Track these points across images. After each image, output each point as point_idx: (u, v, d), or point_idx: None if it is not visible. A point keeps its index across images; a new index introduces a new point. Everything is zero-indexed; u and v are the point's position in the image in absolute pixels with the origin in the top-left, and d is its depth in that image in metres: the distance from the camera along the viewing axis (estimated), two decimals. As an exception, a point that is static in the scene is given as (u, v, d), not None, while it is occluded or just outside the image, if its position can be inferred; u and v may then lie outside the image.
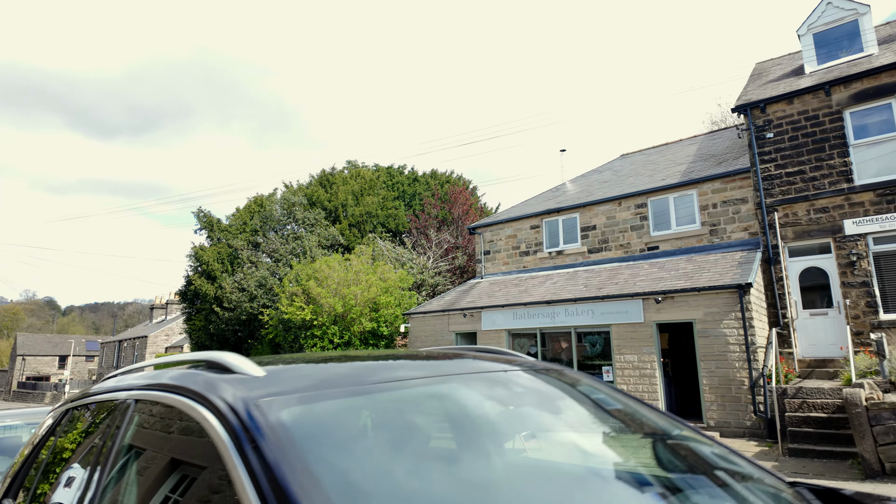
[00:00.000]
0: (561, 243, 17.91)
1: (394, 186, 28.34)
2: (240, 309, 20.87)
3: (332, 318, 18.49)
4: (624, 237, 16.57)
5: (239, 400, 1.36)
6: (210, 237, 24.02)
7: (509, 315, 15.88)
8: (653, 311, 13.38)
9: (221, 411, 1.34)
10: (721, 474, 1.71)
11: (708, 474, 1.74)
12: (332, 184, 25.84)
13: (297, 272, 19.74)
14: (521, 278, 17.93)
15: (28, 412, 6.05)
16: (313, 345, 18.33)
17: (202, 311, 23.55)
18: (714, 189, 15.19)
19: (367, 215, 24.64)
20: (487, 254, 19.63)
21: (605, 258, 16.73)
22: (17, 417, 5.86)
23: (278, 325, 19.20)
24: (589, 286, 15.20)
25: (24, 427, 5.73)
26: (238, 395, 1.38)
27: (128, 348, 51.23)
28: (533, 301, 15.38)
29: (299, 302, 18.49)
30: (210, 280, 22.48)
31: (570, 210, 17.82)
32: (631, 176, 18.78)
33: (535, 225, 18.58)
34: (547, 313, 15.14)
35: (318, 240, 22.07)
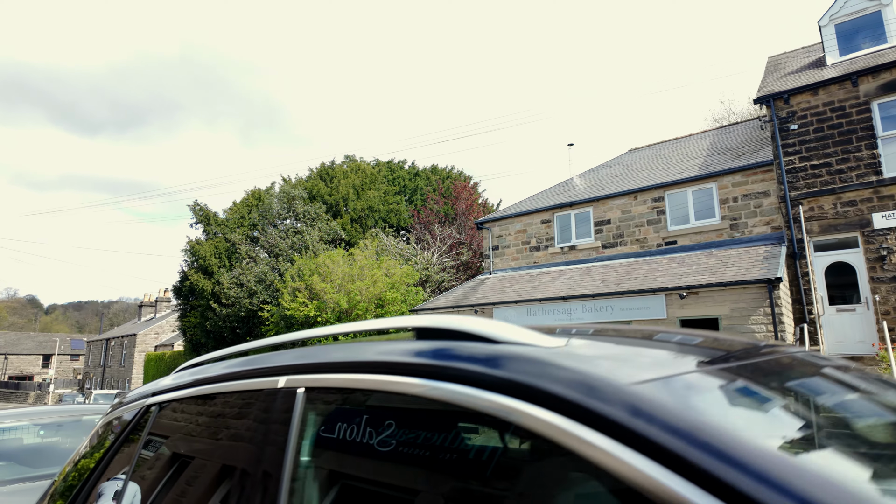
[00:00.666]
0: (573, 238, 17.45)
1: (394, 181, 27.75)
2: (238, 305, 20.18)
3: (336, 315, 17.88)
4: (640, 232, 16.14)
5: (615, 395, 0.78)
6: (206, 231, 23.28)
7: (522, 311, 15.38)
8: (676, 306, 12.95)
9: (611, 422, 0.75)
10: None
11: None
12: (332, 178, 25.19)
13: (299, 267, 19.09)
14: (533, 274, 17.45)
15: (34, 412, 5.42)
16: (317, 342, 17.68)
17: (198, 307, 22.82)
18: (735, 182, 14.80)
19: (369, 210, 24.03)
20: (496, 249, 19.12)
21: (621, 253, 16.29)
22: (22, 417, 5.24)
23: (280, 322, 18.55)
24: (606, 281, 14.75)
25: (30, 428, 5.11)
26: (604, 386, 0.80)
27: (115, 347, 50.11)
28: (548, 297, 14.90)
29: (302, 298, 17.86)
30: (207, 275, 21.76)
31: (583, 204, 17.36)
32: (643, 170, 18.37)
33: (545, 219, 18.11)
34: (563, 309, 14.66)
35: (319, 234, 21.42)
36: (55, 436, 5.15)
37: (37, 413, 5.35)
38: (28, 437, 4.99)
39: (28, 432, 5.02)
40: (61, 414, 5.41)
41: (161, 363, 33.44)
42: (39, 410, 5.47)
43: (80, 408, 5.69)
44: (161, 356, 34.13)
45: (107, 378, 50.86)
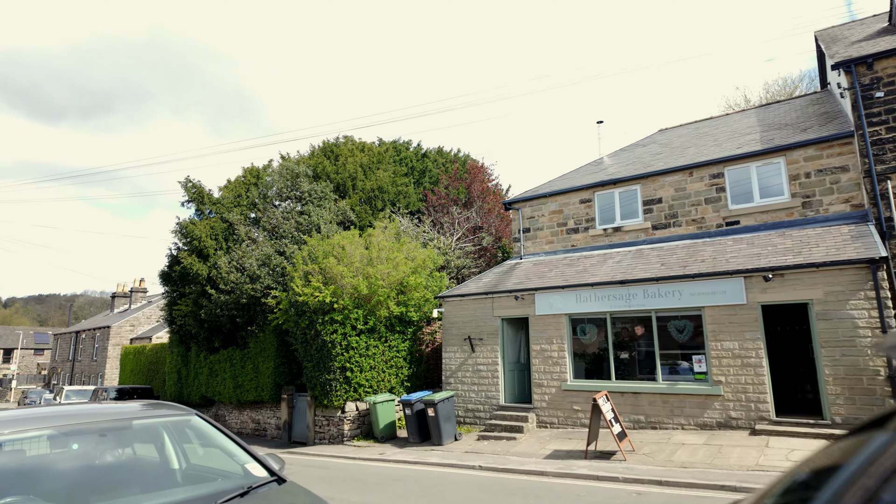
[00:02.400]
0: (618, 219, 15.96)
1: (401, 162, 25.94)
2: (239, 291, 18.17)
3: (354, 301, 16.06)
4: (697, 211, 14.73)
5: None
6: (199, 211, 21.13)
7: (571, 298, 13.83)
8: (757, 290, 11.55)
9: None
10: None
11: None
12: (336, 156, 23.25)
13: (311, 248, 17.19)
14: (573, 258, 15.91)
15: (51, 414, 3.56)
16: (333, 331, 15.88)
17: (190, 294, 20.68)
18: (807, 156, 13.48)
19: (379, 190, 22.18)
20: (527, 231, 17.53)
21: (675, 235, 14.87)
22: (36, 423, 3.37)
23: (289, 309, 16.64)
24: (667, 264, 13.29)
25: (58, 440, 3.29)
26: None
27: (86, 340, 47.08)
28: (602, 281, 13.37)
29: (316, 282, 15.99)
30: (202, 258, 19.65)
31: (630, 181, 15.88)
32: (690, 147, 16.98)
33: (585, 199, 16.58)
34: (620, 295, 13.16)
35: (329, 215, 19.51)
36: (100, 453, 3.35)
37: (56, 416, 3.53)
38: (58, 457, 3.19)
39: (53, 447, 3.21)
40: (93, 417, 3.60)
41: (141, 357, 31.00)
42: (58, 412, 3.64)
43: (116, 409, 3.87)
44: (141, 349, 31.67)
45: (76, 373, 47.80)
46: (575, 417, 13.34)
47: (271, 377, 18.32)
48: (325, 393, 16.08)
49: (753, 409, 11.23)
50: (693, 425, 11.81)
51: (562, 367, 13.74)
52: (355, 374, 15.90)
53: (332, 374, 15.89)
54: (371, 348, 16.19)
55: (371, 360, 16.17)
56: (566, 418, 13.47)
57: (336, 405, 15.98)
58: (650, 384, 12.53)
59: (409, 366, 16.84)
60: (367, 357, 16.11)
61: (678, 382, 12.23)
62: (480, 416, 14.86)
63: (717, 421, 11.57)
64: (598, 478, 9.28)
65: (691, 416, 11.89)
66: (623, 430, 11.00)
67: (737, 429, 11.28)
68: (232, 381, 19.99)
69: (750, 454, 9.79)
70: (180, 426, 3.75)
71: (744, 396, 11.37)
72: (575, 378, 13.66)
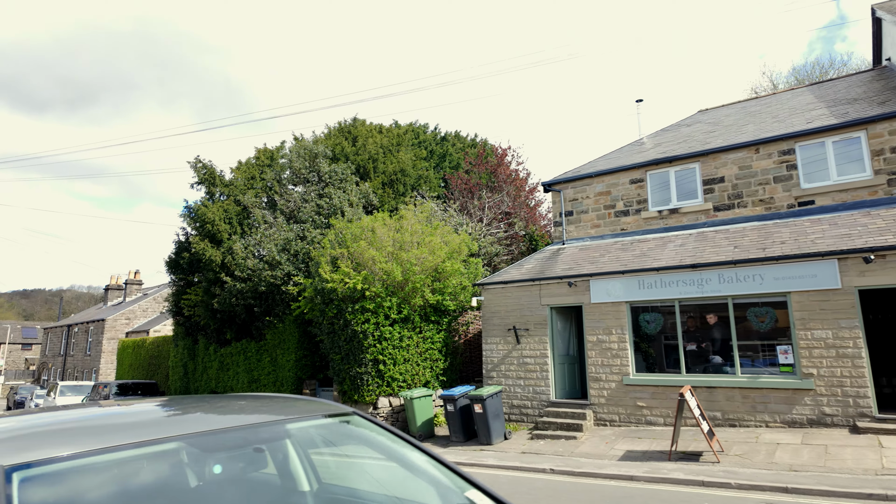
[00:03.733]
0: (674, 200, 14.78)
1: (420, 145, 24.63)
2: (257, 279, 16.81)
3: (388, 289, 14.78)
4: (764, 191, 13.58)
5: None
6: (210, 193, 19.70)
7: (632, 284, 12.64)
8: (853, 273, 10.41)
9: None
10: None
11: None
12: (354, 137, 21.89)
13: (339, 231, 15.87)
14: (625, 242, 14.72)
15: (168, 418, 2.30)
16: (364, 321, 14.58)
17: (200, 283, 19.29)
18: (892, 129, 12.35)
19: (401, 173, 20.86)
20: (569, 215, 16.31)
21: (740, 216, 13.71)
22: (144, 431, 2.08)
23: (315, 298, 15.32)
24: (741, 247, 12.13)
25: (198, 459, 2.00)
26: None
27: (79, 334, 45.33)
28: (669, 265, 12.19)
29: (346, 267, 14.68)
30: (215, 244, 18.25)
31: (687, 159, 14.70)
32: (746, 124, 15.84)
33: (636, 179, 15.38)
34: (691, 280, 11.98)
35: (352, 198, 18.18)
36: (244, 475, 2.09)
37: (163, 422, 2.23)
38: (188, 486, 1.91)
39: (175, 468, 1.93)
40: (222, 420, 2.30)
41: (141, 350, 29.48)
42: (158, 415, 2.36)
43: (240, 407, 2.57)
44: (141, 342, 30.14)
45: (68, 368, 46.05)
46: (639, 415, 12.16)
47: (292, 371, 17.00)
48: (356, 387, 14.80)
49: (852, 405, 10.10)
50: (779, 422, 10.67)
51: (622, 360, 12.55)
52: (388, 367, 14.63)
53: (364, 368, 14.61)
54: (405, 339, 14.92)
55: (405, 352, 14.90)
56: (628, 416, 12.29)
57: (368, 400, 14.70)
58: (727, 377, 11.37)
59: (444, 359, 15.59)
60: (400, 349, 14.84)
61: (760, 375, 11.08)
62: (528, 414, 13.66)
63: (807, 418, 10.44)
64: (703, 483, 8.10)
65: (776, 412, 10.74)
66: (711, 429, 9.83)
67: (832, 426, 10.15)
68: (246, 375, 18.64)
69: (866, 455, 8.65)
70: (342, 431, 2.50)
71: (839, 391, 10.24)
72: (638, 372, 12.48)
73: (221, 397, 2.83)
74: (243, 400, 2.70)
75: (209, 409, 2.42)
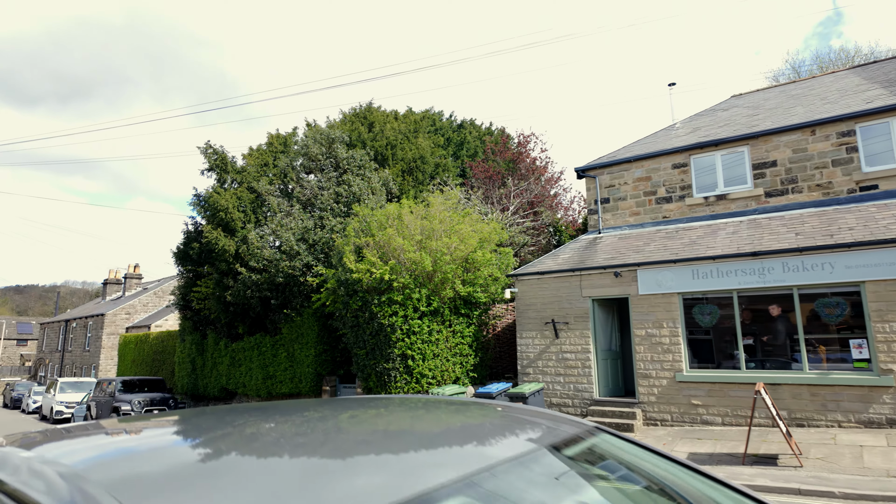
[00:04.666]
0: (720, 185, 13.93)
1: (436, 133, 23.70)
2: (274, 269, 15.90)
3: (416, 280, 13.89)
4: (822, 175, 12.75)
5: None
6: (221, 180, 18.74)
7: (685, 274, 11.79)
8: (937, 261, 9.59)
9: None
10: None
11: None
12: (370, 123, 20.95)
13: (363, 219, 14.97)
14: (670, 230, 13.88)
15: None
16: (392, 313, 13.70)
17: (212, 274, 18.36)
18: (965, 108, 11.54)
19: (421, 160, 19.94)
20: (606, 202, 15.45)
21: (794, 202, 12.87)
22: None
23: (338, 289, 14.42)
24: (805, 234, 11.30)
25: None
26: None
27: (77, 329, 44.26)
28: (727, 254, 11.35)
29: (372, 256, 13.79)
30: (228, 233, 17.31)
31: (735, 142, 13.85)
32: (794, 106, 14.99)
33: (679, 163, 14.52)
34: (751, 269, 11.14)
35: (374, 185, 17.27)
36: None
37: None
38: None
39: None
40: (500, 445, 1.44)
41: (144, 346, 28.50)
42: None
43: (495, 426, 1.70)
44: (144, 338, 29.16)
45: (66, 364, 45.00)
46: (693, 414, 11.33)
47: (311, 366, 16.11)
48: (383, 384, 13.93)
49: (937, 404, 9.30)
50: (854, 422, 9.86)
51: (675, 356, 11.72)
52: (417, 362, 13.76)
53: (391, 363, 13.74)
54: (434, 333, 14.05)
55: (434, 346, 14.04)
56: (682, 415, 11.47)
57: (395, 399, 13.82)
58: (793, 374, 10.56)
59: (474, 354, 14.73)
60: (430, 343, 13.98)
61: (831, 372, 10.26)
62: (569, 413, 12.80)
63: (887, 417, 9.63)
64: (799, 492, 7.27)
65: (851, 411, 9.93)
66: (787, 429, 9.01)
67: (916, 427, 9.35)
68: (261, 371, 17.73)
69: (971, 460, 7.84)
70: (596, 453, 1.62)
71: (923, 388, 9.44)
72: (691, 368, 11.65)
73: (393, 404, 1.94)
74: (434, 409, 1.82)
75: (413, 428, 1.53)
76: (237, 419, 1.84)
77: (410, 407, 1.99)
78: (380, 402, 2.09)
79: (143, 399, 18.51)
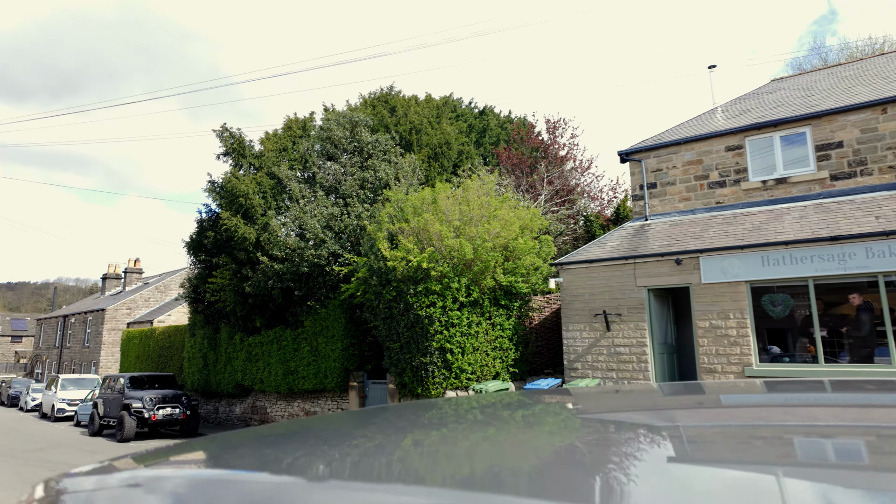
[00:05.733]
0: (780, 168, 13.09)
1: (458, 119, 22.80)
2: (299, 258, 14.97)
3: (456, 268, 13.00)
4: (893, 156, 11.93)
5: None
6: (238, 164, 17.77)
7: (754, 261, 10.95)
8: None
9: None
10: None
11: None
12: (392, 107, 20.02)
13: (396, 203, 14.05)
14: (726, 216, 13.03)
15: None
16: (430, 304, 12.81)
17: (227, 264, 17.40)
18: None
19: (447, 146, 19.04)
20: (652, 187, 14.60)
21: (864, 185, 12.04)
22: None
23: (370, 278, 13.51)
24: (886, 217, 10.47)
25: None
26: None
27: (76, 325, 43.15)
28: (801, 239, 10.52)
29: (409, 243, 12.88)
30: (248, 220, 16.36)
31: (796, 123, 13.01)
32: (853, 86, 14.16)
33: (733, 145, 13.67)
34: (829, 255, 10.30)
35: (406, 169, 16.36)
36: None
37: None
38: None
39: None
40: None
41: (150, 341, 27.48)
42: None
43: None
44: (149, 333, 28.13)
45: (64, 361, 43.88)
46: (765, 411, 10.49)
47: (338, 361, 15.20)
48: (419, 379, 13.04)
49: None
50: (952, 421, 9.03)
51: (743, 349, 10.88)
52: (456, 356, 12.88)
53: (429, 357, 12.85)
54: (474, 326, 13.17)
55: (474, 340, 13.16)
56: (752, 412, 10.62)
57: (434, 394, 12.93)
58: (878, 367, 9.73)
59: (514, 348, 13.86)
60: (469, 336, 13.09)
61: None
62: (623, 409, 11.95)
63: None
64: None
65: (948, 409, 9.10)
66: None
67: None
68: (281, 366, 16.79)
69: None
70: None
71: None
72: (762, 362, 10.81)
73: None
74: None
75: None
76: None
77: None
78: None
79: (154, 396, 17.54)
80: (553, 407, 1.63)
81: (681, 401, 1.71)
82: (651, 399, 1.74)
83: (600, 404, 1.69)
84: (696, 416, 1.45)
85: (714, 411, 1.53)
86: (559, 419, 1.45)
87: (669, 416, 1.42)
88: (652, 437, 1.14)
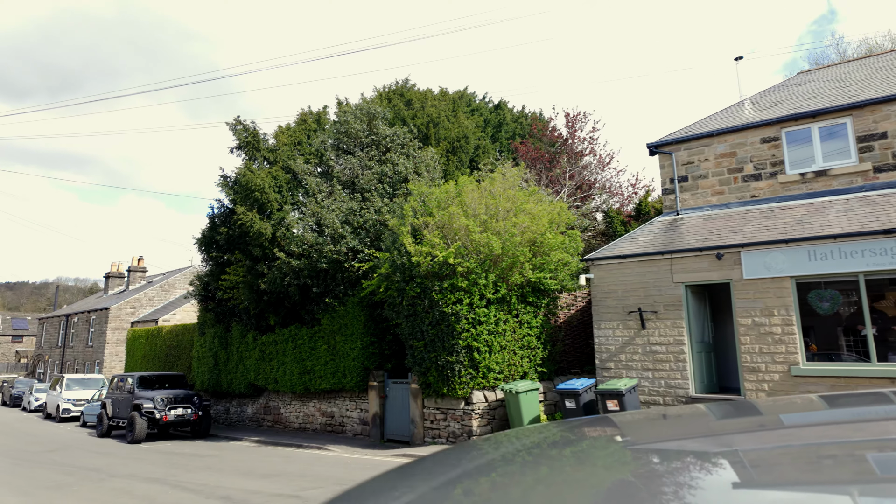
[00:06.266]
0: (819, 161, 12.63)
1: (473, 113, 22.34)
2: (317, 254, 14.51)
3: (484, 264, 12.54)
4: (942, 147, 11.48)
5: None
6: (252, 158, 17.29)
7: (799, 255, 10.49)
8: None
9: None
10: None
11: None
12: (408, 100, 19.56)
13: (420, 197, 13.59)
14: (763, 210, 12.57)
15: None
16: (456, 301, 12.34)
17: (241, 261, 16.93)
18: None
19: (465, 140, 18.58)
20: (683, 181, 14.13)
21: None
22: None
23: (393, 274, 13.04)
24: (940, 209, 10.02)
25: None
26: None
27: (79, 324, 42.65)
28: (850, 232, 10.07)
29: (434, 237, 12.42)
30: (263, 215, 15.89)
31: (835, 113, 12.55)
32: (892, 76, 13.71)
33: (769, 137, 13.21)
34: (881, 250, 9.85)
35: (428, 161, 15.91)
36: None
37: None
38: None
39: None
40: None
41: (157, 340, 26.99)
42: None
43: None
44: (156, 332, 27.64)
45: (67, 360, 43.38)
46: (813, 412, 10.03)
47: (357, 360, 14.72)
48: (445, 379, 12.57)
49: None
50: None
51: (788, 347, 10.42)
52: (483, 355, 12.42)
53: (455, 356, 12.38)
54: (501, 324, 12.71)
55: (502, 338, 12.70)
56: (798, 413, 10.16)
57: (460, 394, 12.47)
58: (936, 367, 9.29)
59: (542, 347, 13.40)
60: (497, 335, 12.63)
61: None
62: (659, 410, 11.50)
63: None
64: None
65: None
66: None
67: None
68: (297, 365, 16.32)
69: None
70: None
71: None
72: (809, 361, 10.35)
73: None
74: None
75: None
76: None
77: None
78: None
79: (165, 396, 17.06)
80: (600, 441, 1.53)
81: (734, 423, 1.68)
82: (703, 423, 1.68)
83: (650, 433, 1.65)
84: (755, 438, 1.43)
85: (774, 433, 1.50)
86: (609, 453, 1.40)
87: (726, 441, 1.40)
88: (712, 464, 1.12)
